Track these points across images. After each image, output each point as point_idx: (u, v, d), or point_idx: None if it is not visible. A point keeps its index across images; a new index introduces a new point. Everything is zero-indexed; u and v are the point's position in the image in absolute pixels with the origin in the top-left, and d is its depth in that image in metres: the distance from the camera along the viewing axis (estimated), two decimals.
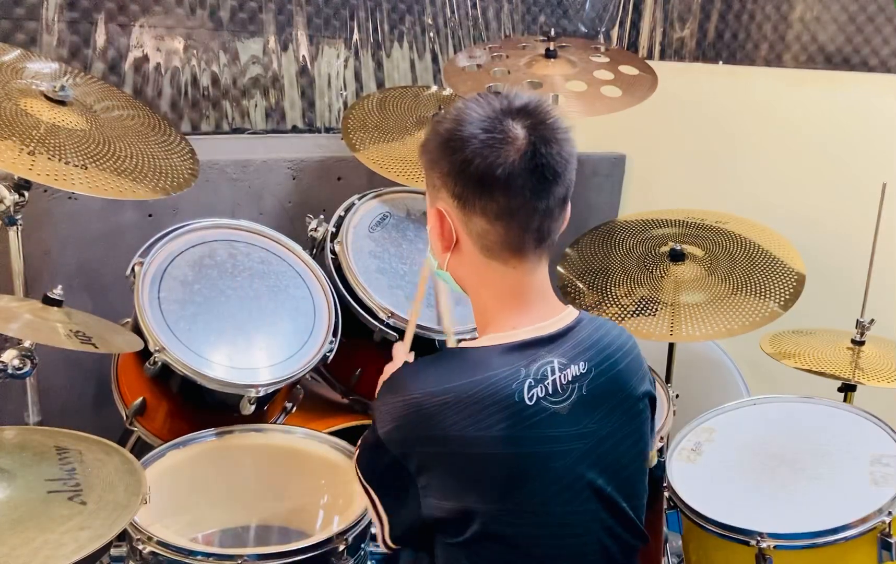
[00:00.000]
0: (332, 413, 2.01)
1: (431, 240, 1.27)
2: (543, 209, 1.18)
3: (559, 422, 1.16)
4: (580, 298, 2.26)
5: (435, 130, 1.22)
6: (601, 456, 1.20)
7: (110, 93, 2.00)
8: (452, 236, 1.21)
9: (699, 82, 3.00)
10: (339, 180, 2.47)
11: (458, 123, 1.17)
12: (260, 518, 1.75)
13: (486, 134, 1.15)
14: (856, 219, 2.35)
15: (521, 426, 1.14)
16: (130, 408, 1.76)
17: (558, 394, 1.17)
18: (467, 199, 1.17)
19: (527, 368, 1.16)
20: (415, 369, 1.24)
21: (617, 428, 1.23)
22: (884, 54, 2.65)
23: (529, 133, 1.15)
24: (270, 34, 2.61)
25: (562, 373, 1.18)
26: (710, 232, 2.40)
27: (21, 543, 1.14)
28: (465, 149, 1.15)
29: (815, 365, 2.02)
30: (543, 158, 1.15)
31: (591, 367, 1.21)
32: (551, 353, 1.19)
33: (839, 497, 1.60)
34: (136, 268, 1.73)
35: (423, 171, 1.26)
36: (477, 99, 1.19)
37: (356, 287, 1.93)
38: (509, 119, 1.16)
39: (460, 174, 1.16)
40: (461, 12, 2.95)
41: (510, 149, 1.14)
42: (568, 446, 1.17)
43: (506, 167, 1.14)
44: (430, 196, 1.24)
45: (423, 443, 1.15)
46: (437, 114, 2.31)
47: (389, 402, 1.19)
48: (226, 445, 1.74)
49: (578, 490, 1.19)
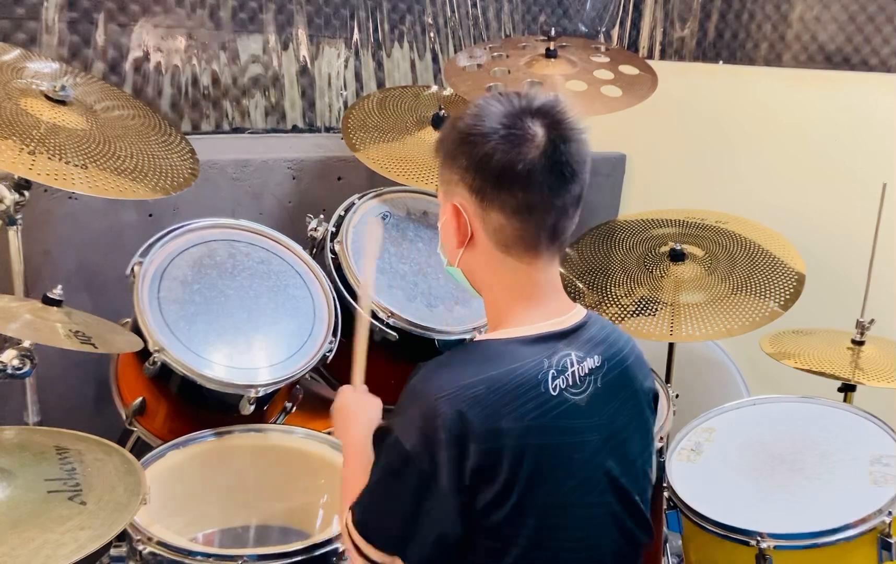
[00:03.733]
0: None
1: (444, 236, 1.27)
2: (560, 207, 1.19)
3: (579, 413, 1.17)
4: (580, 298, 2.26)
5: (453, 126, 1.22)
6: (615, 448, 1.22)
7: (110, 93, 2.00)
8: (468, 230, 1.21)
9: (699, 82, 3.00)
10: (339, 180, 2.46)
11: (479, 119, 1.17)
12: (260, 518, 1.75)
13: (506, 130, 1.16)
14: (856, 219, 2.35)
15: (548, 415, 1.14)
16: (130, 408, 1.76)
17: (577, 386, 1.18)
18: (486, 193, 1.17)
19: (549, 359, 1.17)
20: (436, 367, 1.19)
21: (628, 421, 1.25)
22: (884, 54, 2.65)
23: (548, 132, 1.16)
24: (271, 34, 2.60)
25: (579, 365, 1.19)
26: (710, 232, 2.40)
27: (21, 543, 1.14)
28: (485, 143, 1.16)
29: (815, 365, 2.02)
30: (563, 156, 1.17)
31: (605, 360, 1.22)
32: (569, 346, 1.20)
33: (839, 497, 1.60)
34: (136, 268, 1.73)
35: (437, 167, 1.26)
36: (497, 97, 1.20)
37: (356, 287, 1.93)
38: (529, 117, 1.17)
39: (480, 168, 1.17)
40: (461, 12, 2.94)
41: (530, 145, 1.15)
42: (587, 437, 1.18)
43: (526, 163, 1.15)
44: (446, 192, 1.24)
45: (468, 441, 1.10)
46: (439, 111, 2.30)
47: (417, 408, 1.13)
48: (225, 445, 1.74)
49: (595, 482, 1.20)
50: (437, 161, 1.26)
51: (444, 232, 1.26)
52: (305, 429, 1.80)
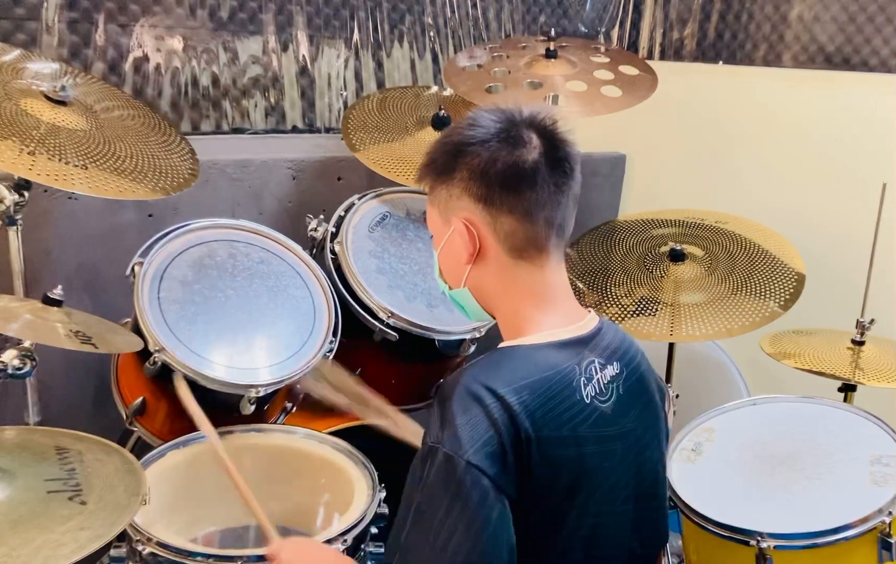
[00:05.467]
0: (332, 413, 2.01)
1: (445, 260, 1.24)
2: (564, 204, 1.19)
3: (606, 422, 1.16)
4: (580, 298, 2.26)
5: (445, 143, 1.21)
6: (636, 456, 1.21)
7: (110, 93, 2.00)
8: (476, 243, 1.18)
9: (699, 83, 3.00)
10: (339, 180, 2.46)
11: (474, 128, 1.18)
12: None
13: (505, 134, 1.17)
14: (856, 219, 2.35)
15: (584, 425, 1.13)
16: (130, 408, 1.76)
17: (603, 393, 1.17)
18: (493, 199, 1.16)
19: (578, 366, 1.16)
20: (478, 373, 1.11)
21: (647, 428, 1.24)
22: (884, 54, 2.64)
23: (541, 134, 1.18)
24: (270, 34, 2.60)
25: (602, 373, 1.18)
26: (710, 232, 2.40)
27: (21, 543, 1.14)
28: (487, 149, 1.16)
29: (815, 365, 2.02)
30: (561, 152, 1.18)
31: (623, 367, 1.22)
32: (592, 352, 1.19)
33: (839, 497, 1.60)
34: (136, 268, 1.73)
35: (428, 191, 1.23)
36: (487, 109, 1.21)
37: (356, 287, 1.93)
38: (522, 125, 1.18)
39: (484, 175, 1.16)
40: (461, 12, 2.94)
41: (529, 147, 1.16)
42: (613, 446, 1.17)
43: (530, 162, 1.16)
44: (443, 211, 1.21)
45: (522, 449, 1.07)
46: (439, 112, 2.30)
47: (468, 418, 1.06)
48: (226, 445, 1.73)
49: (619, 490, 1.19)
50: (424, 186, 1.23)
51: (444, 255, 1.24)
52: (306, 429, 1.80)
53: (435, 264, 1.28)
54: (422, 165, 1.24)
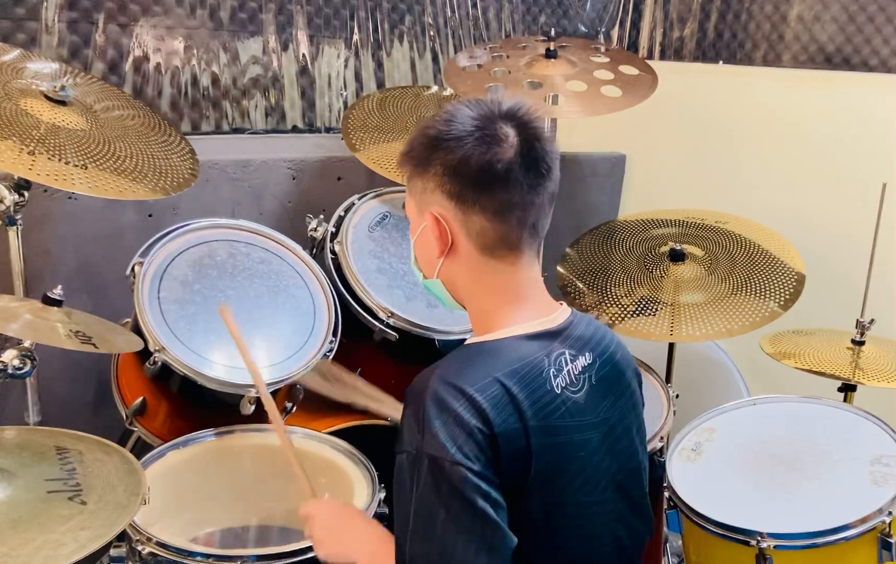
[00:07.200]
0: (332, 413, 2.01)
1: (419, 249, 1.25)
2: (539, 204, 1.19)
3: (579, 411, 1.17)
4: (580, 298, 2.26)
5: (423, 134, 1.21)
6: (612, 445, 1.22)
7: (110, 93, 2.00)
8: (448, 239, 1.19)
9: (699, 82, 3.00)
10: (339, 180, 2.46)
11: (451, 124, 1.17)
12: (260, 518, 1.75)
13: (480, 132, 1.16)
14: (856, 219, 2.35)
15: (555, 415, 1.14)
16: (130, 408, 1.76)
17: (574, 384, 1.18)
18: (465, 197, 1.17)
19: (547, 357, 1.17)
20: (444, 373, 1.12)
21: (623, 416, 1.25)
22: (884, 54, 2.64)
23: (519, 132, 1.17)
24: (270, 34, 2.60)
25: (573, 364, 1.19)
26: (710, 232, 2.40)
27: (21, 543, 1.14)
28: (461, 147, 1.15)
29: (815, 365, 2.02)
30: (537, 152, 1.17)
31: (596, 357, 1.22)
32: (563, 344, 1.20)
33: (839, 497, 1.60)
34: (136, 268, 1.73)
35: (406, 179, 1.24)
36: (466, 102, 1.20)
37: (356, 287, 1.93)
38: (499, 120, 1.17)
39: (457, 172, 1.16)
40: (461, 12, 2.94)
41: (505, 146, 1.16)
42: (588, 435, 1.18)
43: (504, 163, 1.15)
44: (418, 202, 1.22)
45: (497, 442, 1.08)
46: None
47: (442, 419, 1.07)
48: (226, 445, 1.74)
49: (598, 480, 1.20)
50: (404, 173, 1.24)
51: (419, 245, 1.25)
52: (306, 429, 1.79)
53: (411, 252, 1.29)
54: (402, 153, 1.25)
